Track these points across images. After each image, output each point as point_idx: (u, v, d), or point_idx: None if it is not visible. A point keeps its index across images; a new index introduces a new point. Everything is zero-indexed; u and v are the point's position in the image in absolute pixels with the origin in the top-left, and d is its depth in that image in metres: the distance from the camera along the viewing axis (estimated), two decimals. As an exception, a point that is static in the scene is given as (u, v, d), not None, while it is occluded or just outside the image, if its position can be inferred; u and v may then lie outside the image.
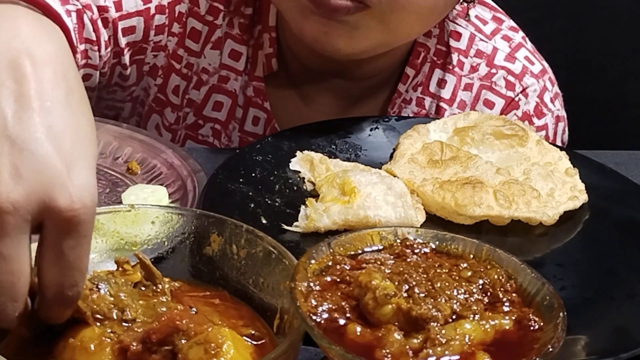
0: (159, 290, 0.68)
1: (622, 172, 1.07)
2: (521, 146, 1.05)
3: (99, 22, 1.12)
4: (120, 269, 0.68)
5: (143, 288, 0.68)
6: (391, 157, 1.04)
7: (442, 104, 1.23)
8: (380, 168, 1.02)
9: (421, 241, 0.70)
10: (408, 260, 0.67)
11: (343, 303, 0.63)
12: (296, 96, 1.24)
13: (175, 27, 1.18)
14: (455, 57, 1.23)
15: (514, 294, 0.65)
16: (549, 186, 0.99)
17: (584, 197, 1.00)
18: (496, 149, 1.05)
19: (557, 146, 1.09)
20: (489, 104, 1.24)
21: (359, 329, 0.61)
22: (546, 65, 1.29)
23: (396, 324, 0.61)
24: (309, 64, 1.20)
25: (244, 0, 1.19)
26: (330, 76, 1.22)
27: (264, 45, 1.20)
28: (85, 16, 1.11)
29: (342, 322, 0.61)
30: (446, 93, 1.24)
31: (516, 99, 1.24)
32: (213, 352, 0.60)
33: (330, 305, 0.62)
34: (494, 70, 1.24)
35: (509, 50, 1.25)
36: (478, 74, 1.24)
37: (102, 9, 1.12)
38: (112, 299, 0.66)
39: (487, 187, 0.96)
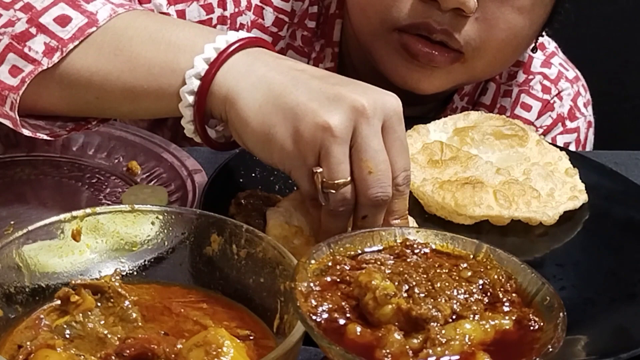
0: (120, 302, 0.68)
1: (622, 172, 1.07)
2: (521, 146, 1.05)
3: None
4: (70, 304, 0.67)
5: (99, 304, 0.67)
6: (391, 157, 1.04)
7: (482, 110, 1.27)
8: (380, 168, 1.02)
9: (421, 241, 0.70)
10: (408, 260, 0.67)
11: (343, 303, 0.63)
12: None
13: None
14: None
15: (514, 294, 0.65)
16: (549, 186, 0.99)
17: (584, 197, 1.00)
18: (496, 149, 1.05)
19: (557, 146, 1.09)
20: (526, 107, 1.28)
21: (359, 329, 0.61)
22: (579, 73, 1.34)
23: (396, 324, 0.61)
24: (371, 84, 1.22)
25: (308, 13, 1.20)
26: None
27: (324, 59, 1.21)
28: None
29: (342, 322, 0.61)
30: (487, 99, 1.28)
31: (551, 101, 1.29)
32: (214, 352, 0.60)
33: (330, 305, 0.62)
34: (531, 77, 1.29)
35: (544, 58, 1.30)
36: (516, 80, 1.28)
37: None
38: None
39: (487, 187, 0.96)
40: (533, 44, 1.23)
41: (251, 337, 0.68)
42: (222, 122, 0.83)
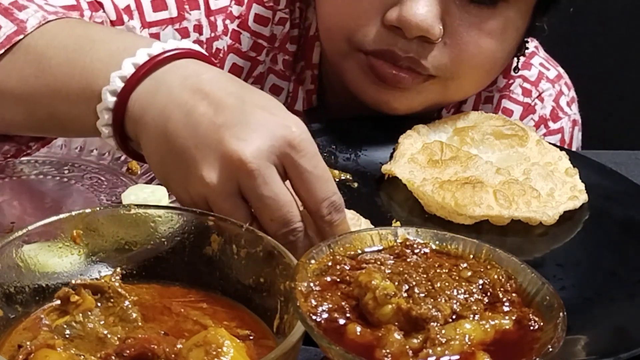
0: (120, 302, 0.68)
1: (622, 172, 1.07)
2: (521, 146, 1.05)
3: None
4: (70, 304, 0.66)
5: (99, 304, 0.67)
6: (391, 157, 1.04)
7: None
8: (380, 168, 1.02)
9: (421, 241, 0.70)
10: (408, 260, 0.67)
11: (343, 303, 0.63)
12: None
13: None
14: None
15: (514, 294, 0.65)
16: (549, 186, 0.99)
17: (584, 197, 1.00)
18: (496, 149, 1.05)
19: (557, 146, 1.09)
20: (507, 112, 1.27)
21: (359, 329, 0.61)
22: (561, 70, 1.32)
23: (396, 324, 0.61)
24: (350, 105, 1.21)
25: (289, 37, 1.19)
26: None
27: (305, 81, 1.21)
28: None
29: (342, 322, 0.61)
30: (467, 107, 1.26)
31: (532, 103, 1.27)
32: (214, 352, 0.60)
33: (330, 305, 0.62)
34: (511, 81, 1.27)
35: (523, 59, 1.26)
36: (497, 86, 1.26)
37: None
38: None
39: (487, 187, 0.96)
40: (515, 64, 1.21)
41: (251, 337, 0.68)
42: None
